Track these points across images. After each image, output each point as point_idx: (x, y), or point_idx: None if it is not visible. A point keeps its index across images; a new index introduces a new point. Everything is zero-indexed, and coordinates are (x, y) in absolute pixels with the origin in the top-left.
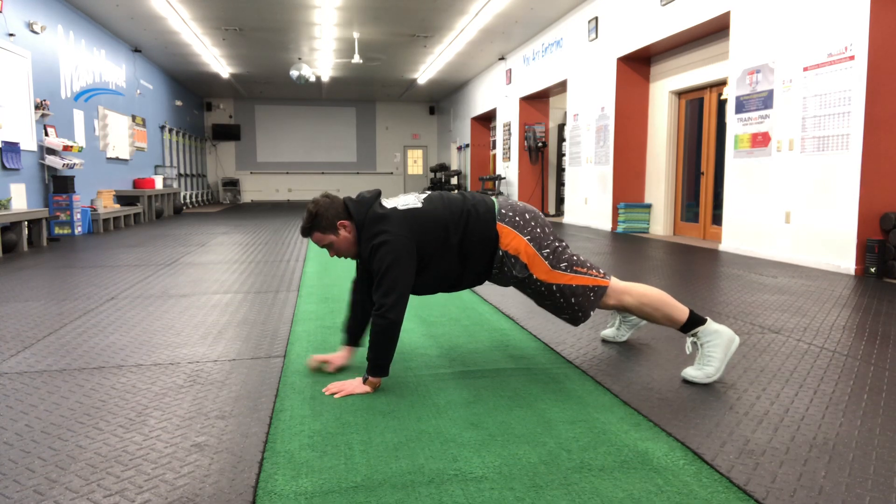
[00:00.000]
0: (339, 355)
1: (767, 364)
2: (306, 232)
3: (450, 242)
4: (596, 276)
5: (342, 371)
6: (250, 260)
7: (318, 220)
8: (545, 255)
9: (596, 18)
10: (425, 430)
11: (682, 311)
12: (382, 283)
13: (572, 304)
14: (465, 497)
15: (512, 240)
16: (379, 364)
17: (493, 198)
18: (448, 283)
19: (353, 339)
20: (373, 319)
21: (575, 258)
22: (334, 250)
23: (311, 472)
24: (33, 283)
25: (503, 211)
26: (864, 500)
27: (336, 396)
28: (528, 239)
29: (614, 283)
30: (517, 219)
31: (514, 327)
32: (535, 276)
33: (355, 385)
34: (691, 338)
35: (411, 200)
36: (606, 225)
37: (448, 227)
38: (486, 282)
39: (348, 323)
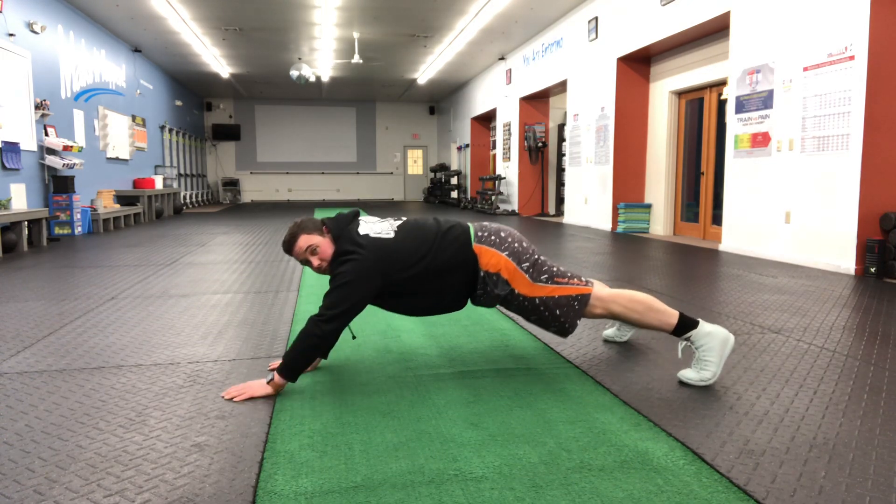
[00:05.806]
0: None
1: (767, 364)
2: (292, 238)
3: (421, 269)
4: (577, 284)
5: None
6: (250, 260)
7: (303, 224)
8: (525, 268)
9: (596, 18)
10: (425, 430)
11: (671, 315)
12: (332, 294)
13: (557, 316)
14: (465, 497)
15: (491, 258)
16: (292, 368)
17: (468, 223)
18: (424, 307)
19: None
20: (307, 324)
21: (555, 269)
22: (318, 256)
23: (311, 472)
24: (33, 283)
25: (479, 234)
26: (864, 500)
27: (236, 400)
28: (506, 255)
29: (598, 290)
30: (492, 237)
31: (514, 327)
32: (517, 292)
33: (258, 387)
34: (684, 342)
35: (385, 229)
36: (606, 225)
37: (419, 256)
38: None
39: None
